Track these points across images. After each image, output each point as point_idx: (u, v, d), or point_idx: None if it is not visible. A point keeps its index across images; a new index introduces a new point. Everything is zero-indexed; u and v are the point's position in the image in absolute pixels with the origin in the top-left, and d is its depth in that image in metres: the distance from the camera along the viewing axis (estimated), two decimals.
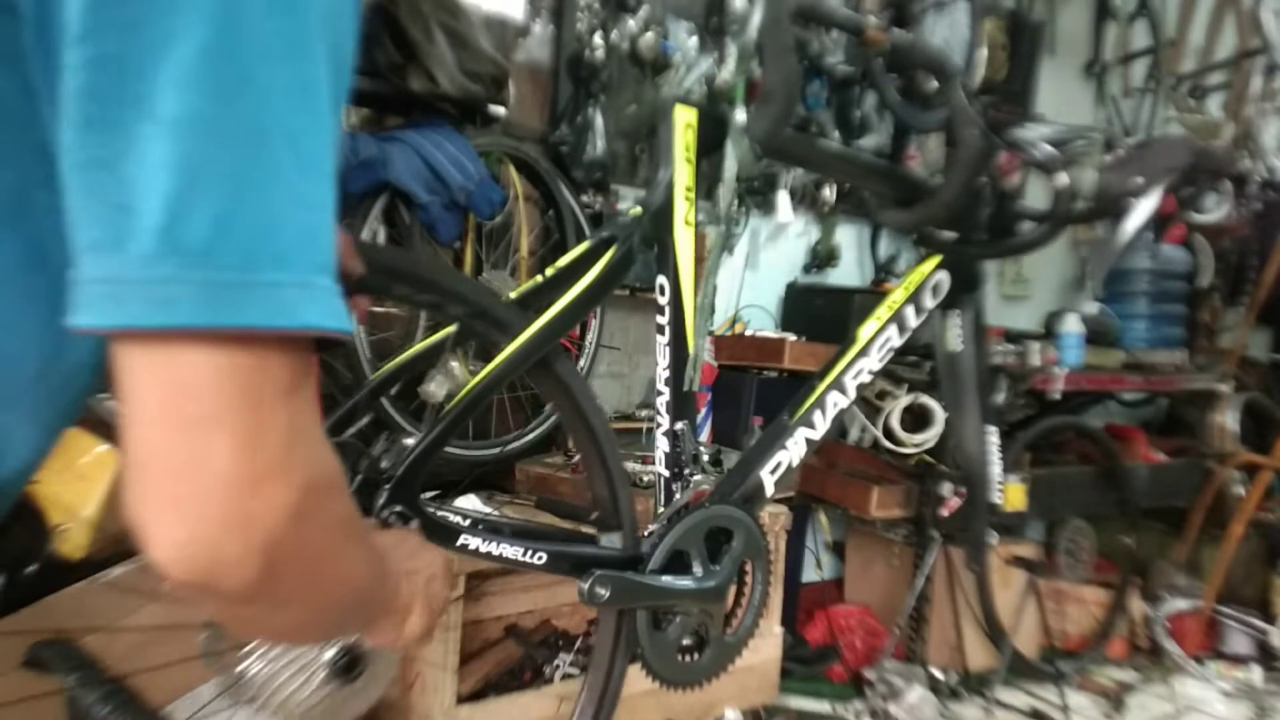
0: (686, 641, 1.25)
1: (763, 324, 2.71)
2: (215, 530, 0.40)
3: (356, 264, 0.87)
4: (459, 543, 1.02)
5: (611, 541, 1.20)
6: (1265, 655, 2.60)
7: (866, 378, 1.41)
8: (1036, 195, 2.21)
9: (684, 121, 1.25)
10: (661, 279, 1.24)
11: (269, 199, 0.40)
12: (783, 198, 2.59)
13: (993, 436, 1.61)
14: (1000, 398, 2.25)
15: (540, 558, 1.09)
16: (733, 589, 1.29)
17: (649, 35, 2.23)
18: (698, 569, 1.21)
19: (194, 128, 0.38)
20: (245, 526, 0.41)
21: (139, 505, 0.41)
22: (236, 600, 0.44)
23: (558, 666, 1.84)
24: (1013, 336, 2.44)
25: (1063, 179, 1.38)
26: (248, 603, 0.45)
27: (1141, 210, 1.37)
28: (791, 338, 2.41)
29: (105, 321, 0.38)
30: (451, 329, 1.15)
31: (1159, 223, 2.92)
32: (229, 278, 0.39)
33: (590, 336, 2.13)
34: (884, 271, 2.96)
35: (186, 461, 0.40)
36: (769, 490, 1.32)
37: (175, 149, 0.37)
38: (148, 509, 0.41)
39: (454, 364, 1.83)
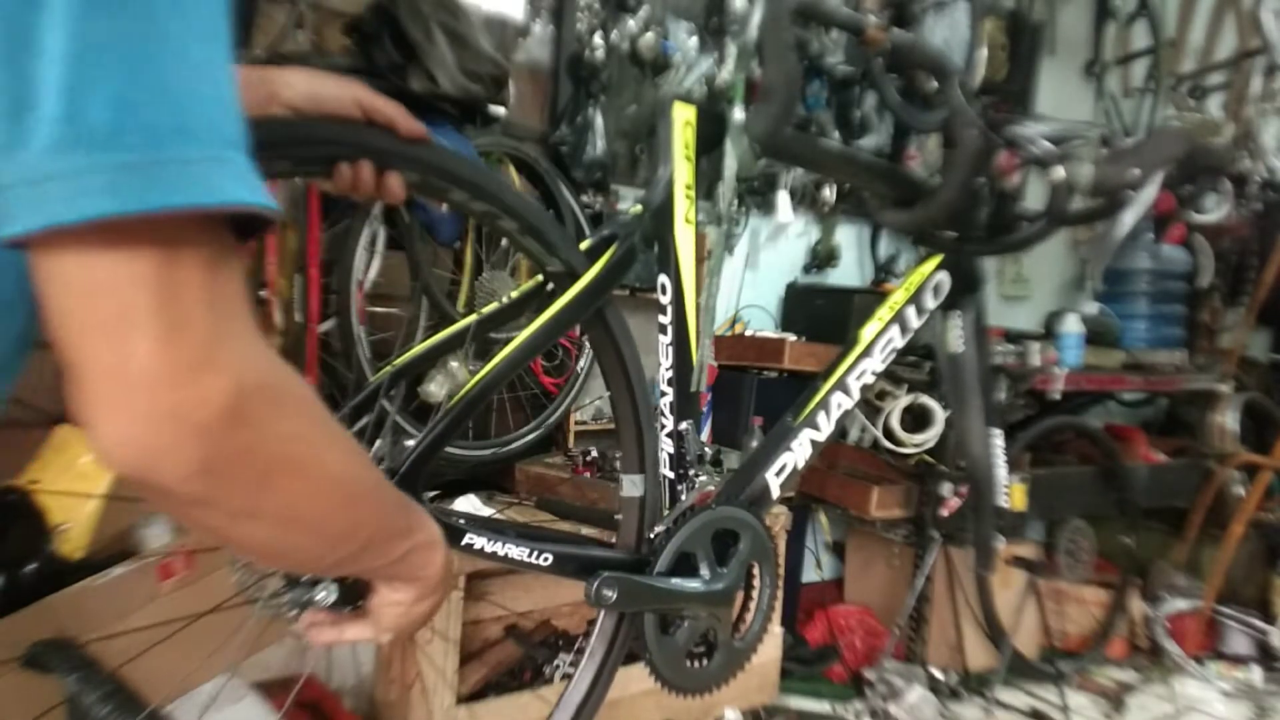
0: (695, 646, 1.24)
1: (763, 324, 2.71)
2: (145, 425, 0.41)
3: (416, 125, 0.86)
4: (464, 542, 1.02)
5: (634, 484, 1.19)
6: (1265, 655, 2.60)
7: (870, 378, 1.40)
8: (1036, 199, 2.21)
9: (683, 119, 1.25)
10: (663, 278, 1.23)
11: (166, 72, 0.39)
12: (783, 198, 2.59)
13: (998, 439, 1.61)
14: (1000, 398, 2.25)
15: (546, 559, 1.08)
16: (740, 592, 1.29)
17: (649, 35, 2.23)
18: (705, 572, 1.20)
19: (80, 7, 0.37)
20: (174, 420, 0.41)
21: (78, 406, 0.41)
22: (188, 501, 0.45)
23: (558, 666, 1.84)
24: (1013, 336, 2.45)
25: (1059, 172, 1.38)
26: (201, 505, 0.46)
27: (1140, 202, 1.37)
28: (791, 338, 2.41)
29: (25, 226, 0.37)
30: (459, 325, 1.14)
31: (1159, 223, 2.93)
32: (138, 159, 0.38)
33: None
34: (884, 271, 2.97)
35: (110, 363, 0.40)
36: (775, 492, 1.31)
37: (65, 33, 0.37)
38: (85, 410, 0.41)
39: (454, 364, 1.83)
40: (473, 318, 1.13)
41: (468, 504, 1.91)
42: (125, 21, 0.38)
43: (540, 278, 1.15)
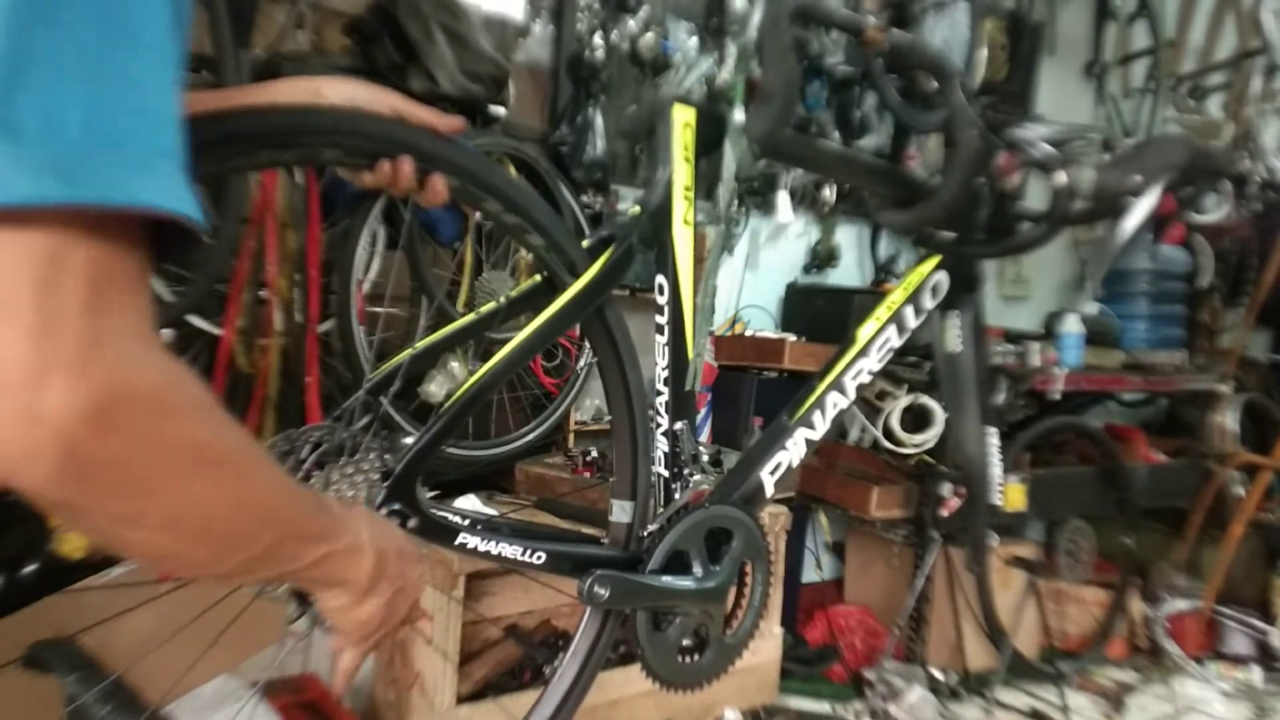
0: (686, 643, 1.25)
1: (763, 324, 2.71)
2: (3, 421, 0.40)
3: (453, 121, 0.91)
4: (458, 541, 1.02)
5: (623, 510, 1.19)
6: (1265, 655, 2.60)
7: (866, 378, 1.41)
8: (1036, 199, 2.21)
9: (682, 120, 1.25)
10: (660, 278, 1.24)
11: (101, 80, 0.40)
12: (783, 198, 2.59)
13: (993, 438, 1.61)
14: (1000, 398, 2.25)
15: (539, 557, 1.09)
16: (733, 590, 1.29)
17: (649, 35, 2.23)
18: (698, 569, 1.21)
19: (21, 18, 0.37)
20: (31, 421, 0.40)
21: None
22: (61, 504, 0.44)
23: (557, 667, 1.84)
24: (1013, 337, 2.44)
25: (1061, 177, 1.38)
26: (75, 510, 0.45)
27: (1140, 209, 1.37)
28: (791, 338, 2.41)
29: None
30: (451, 327, 1.14)
31: (1159, 223, 2.92)
32: (61, 155, 0.39)
33: None
34: (884, 272, 2.96)
35: None
36: (769, 491, 1.32)
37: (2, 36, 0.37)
38: None
39: (454, 364, 1.84)
40: (470, 316, 1.14)
41: (468, 504, 1.91)
42: (61, 35, 0.39)
43: (537, 277, 1.16)
